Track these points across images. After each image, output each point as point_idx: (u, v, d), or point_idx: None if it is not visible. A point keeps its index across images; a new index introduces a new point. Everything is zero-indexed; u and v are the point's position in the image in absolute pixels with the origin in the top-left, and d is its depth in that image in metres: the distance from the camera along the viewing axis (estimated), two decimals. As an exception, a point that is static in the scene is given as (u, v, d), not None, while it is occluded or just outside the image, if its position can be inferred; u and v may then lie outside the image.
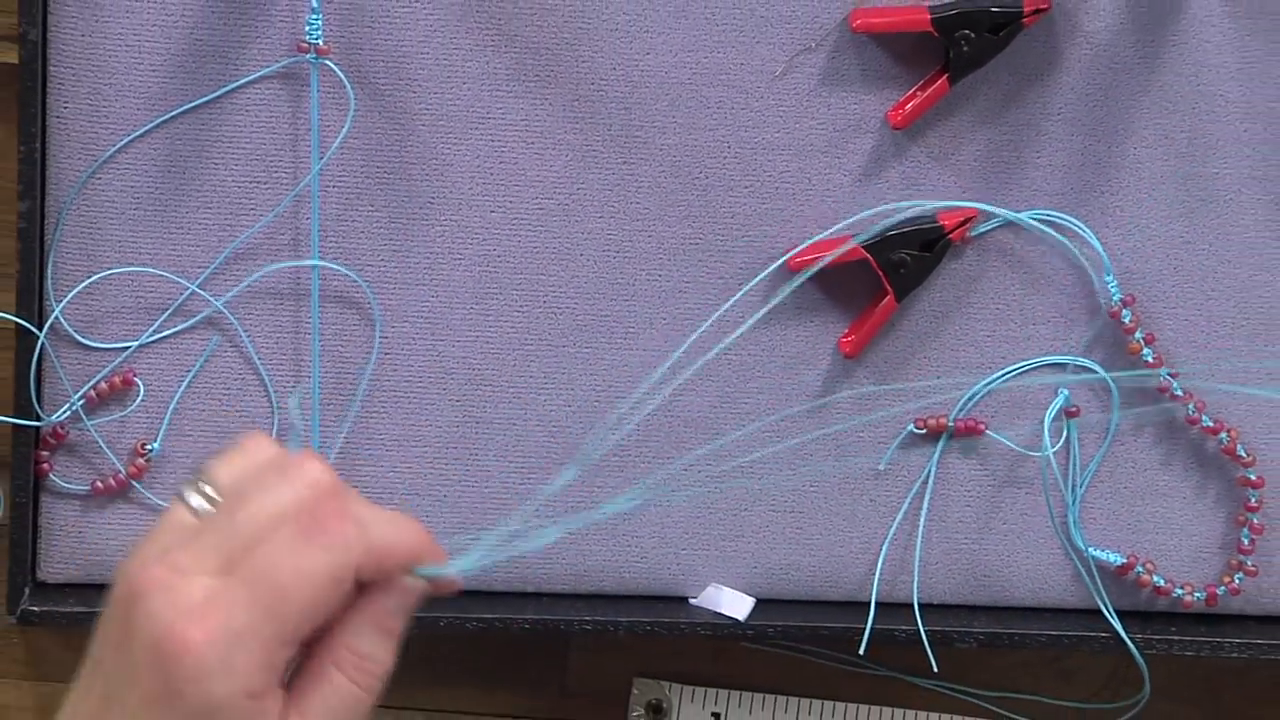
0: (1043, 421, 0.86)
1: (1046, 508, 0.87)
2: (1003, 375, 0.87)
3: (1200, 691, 0.91)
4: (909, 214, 0.85)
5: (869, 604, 0.86)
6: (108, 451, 0.86)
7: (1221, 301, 0.87)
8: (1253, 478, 0.86)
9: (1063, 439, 0.86)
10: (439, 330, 0.86)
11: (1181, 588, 0.86)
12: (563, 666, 0.91)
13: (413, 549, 0.66)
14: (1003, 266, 0.86)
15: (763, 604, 0.87)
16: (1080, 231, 0.85)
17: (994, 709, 0.91)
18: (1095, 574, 0.87)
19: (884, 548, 0.87)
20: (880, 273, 0.83)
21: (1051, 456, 0.86)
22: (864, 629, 0.85)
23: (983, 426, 0.85)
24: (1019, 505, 0.87)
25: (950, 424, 0.86)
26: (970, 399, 0.86)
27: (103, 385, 0.85)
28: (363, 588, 0.65)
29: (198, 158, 0.85)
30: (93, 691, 0.64)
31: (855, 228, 0.85)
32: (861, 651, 0.86)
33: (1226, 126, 0.86)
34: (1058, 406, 0.86)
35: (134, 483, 0.86)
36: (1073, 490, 0.87)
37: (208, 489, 0.64)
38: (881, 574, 0.87)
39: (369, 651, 0.65)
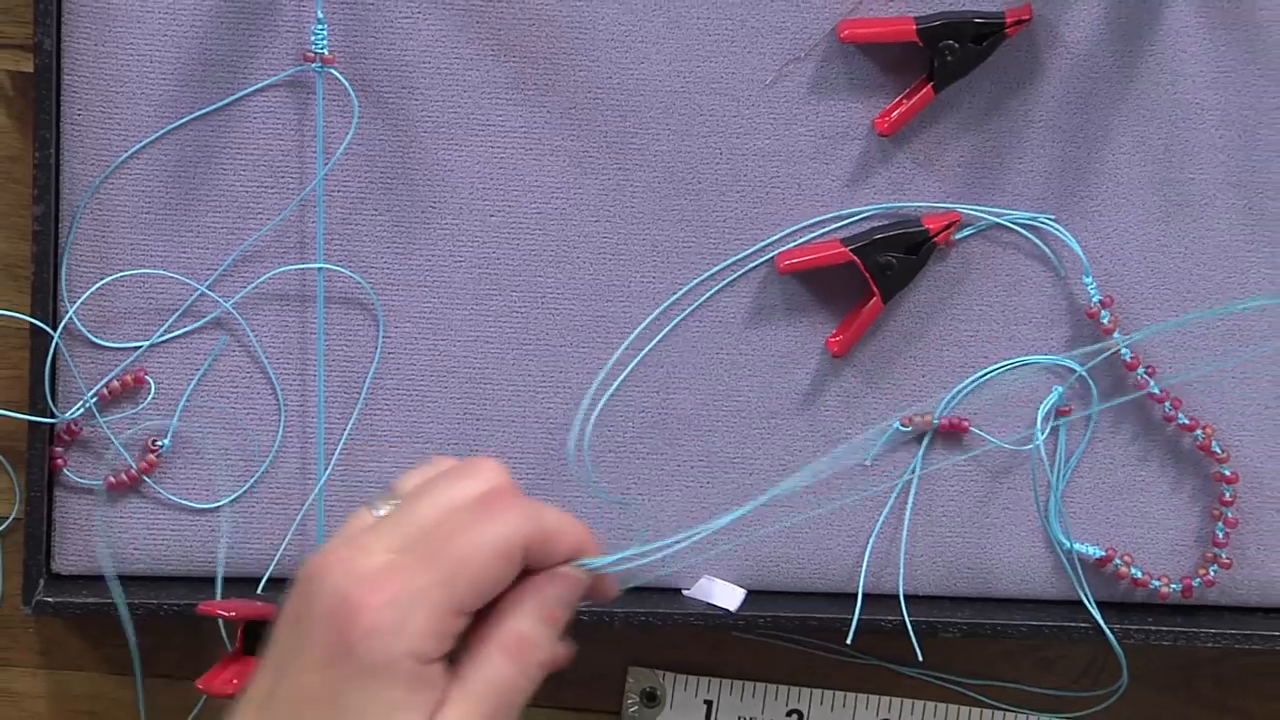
0: (1030, 418, 0.87)
1: (1034, 501, 0.87)
2: (985, 374, 0.87)
3: (1176, 680, 0.91)
4: (895, 218, 0.86)
5: (856, 595, 0.86)
6: (120, 447, 0.86)
7: (1197, 302, 0.87)
8: (1227, 473, 0.87)
9: (1045, 435, 0.86)
10: (440, 330, 0.86)
11: (1158, 579, 0.87)
12: None
13: (578, 538, 0.69)
14: (985, 269, 0.87)
15: (753, 595, 0.87)
16: (1060, 235, 0.86)
17: (977, 696, 0.91)
18: (1075, 566, 0.87)
19: (871, 541, 0.87)
20: (867, 275, 0.84)
21: (1042, 449, 0.86)
22: (851, 619, 0.86)
23: (967, 424, 0.86)
24: (1001, 500, 0.87)
25: (935, 421, 0.86)
26: (954, 398, 0.87)
27: (115, 383, 0.86)
28: (527, 576, 0.67)
29: (206, 163, 0.85)
30: (265, 670, 0.66)
31: (843, 230, 0.86)
32: (849, 641, 0.86)
33: (1202, 133, 0.86)
34: (1051, 403, 0.87)
35: (145, 477, 0.86)
36: (1056, 485, 0.87)
37: (393, 500, 0.67)
38: (868, 566, 0.87)
39: (531, 635, 0.67)
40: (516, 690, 0.67)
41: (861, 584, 0.86)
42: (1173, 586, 0.87)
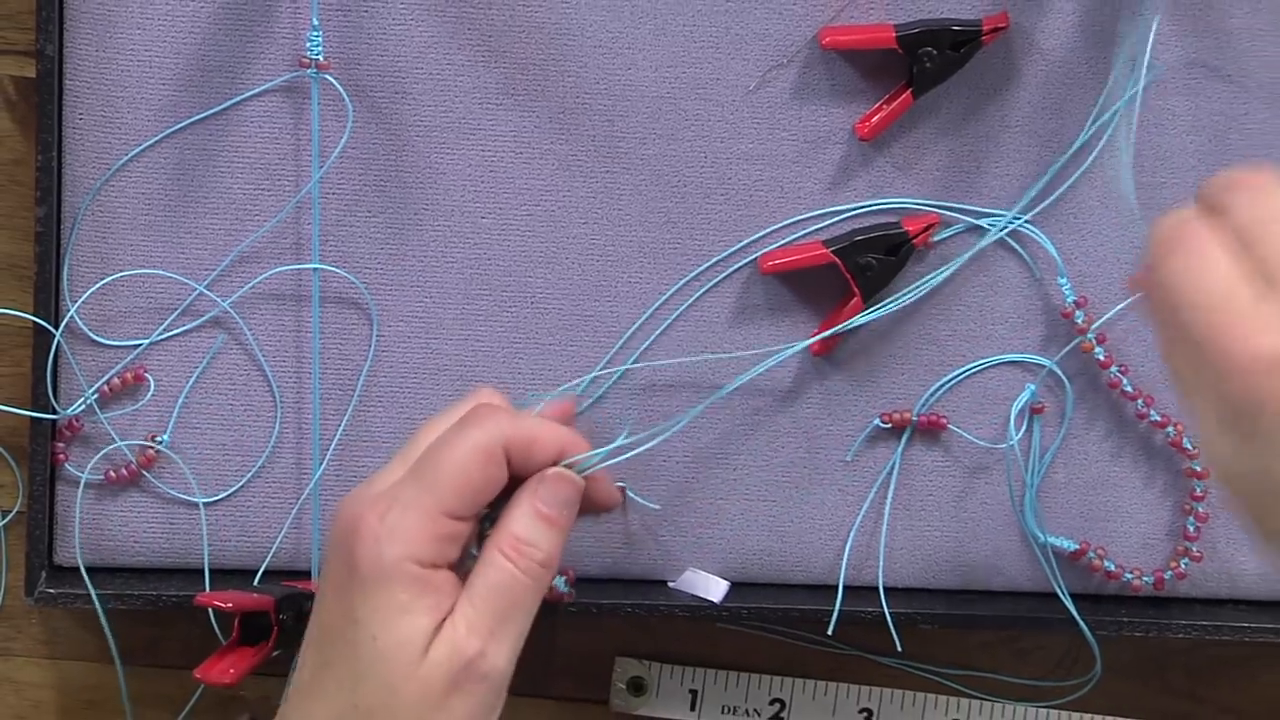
0: (1006, 415, 0.87)
1: (1009, 497, 0.87)
2: (962, 373, 0.87)
3: (1149, 669, 0.91)
4: (875, 220, 0.86)
5: (837, 587, 0.87)
6: (120, 443, 0.86)
7: None
8: (1198, 469, 0.87)
9: (1021, 432, 0.87)
10: (432, 329, 0.87)
11: (1131, 572, 0.87)
12: (549, 645, 0.91)
13: (561, 440, 0.72)
14: (963, 270, 0.87)
15: (737, 587, 0.88)
16: (1035, 237, 0.86)
17: (955, 686, 0.91)
18: (1050, 559, 0.87)
19: (851, 534, 0.88)
20: (848, 276, 0.84)
21: (1016, 447, 0.87)
22: (832, 610, 0.86)
23: (945, 421, 0.87)
24: (978, 495, 0.88)
25: (914, 419, 0.87)
26: (933, 395, 0.87)
27: (115, 381, 0.86)
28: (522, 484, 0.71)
29: (205, 166, 0.86)
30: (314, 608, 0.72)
31: (824, 232, 0.86)
32: (830, 632, 0.86)
33: (1174, 139, 0.87)
34: (1024, 401, 0.87)
35: (144, 472, 0.86)
36: (1031, 480, 0.88)
37: None
38: (849, 559, 0.88)
39: (526, 535, 0.71)
40: (519, 590, 0.70)
41: (842, 577, 0.87)
42: (1145, 579, 0.87)
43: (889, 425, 0.87)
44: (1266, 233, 0.62)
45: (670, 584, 0.88)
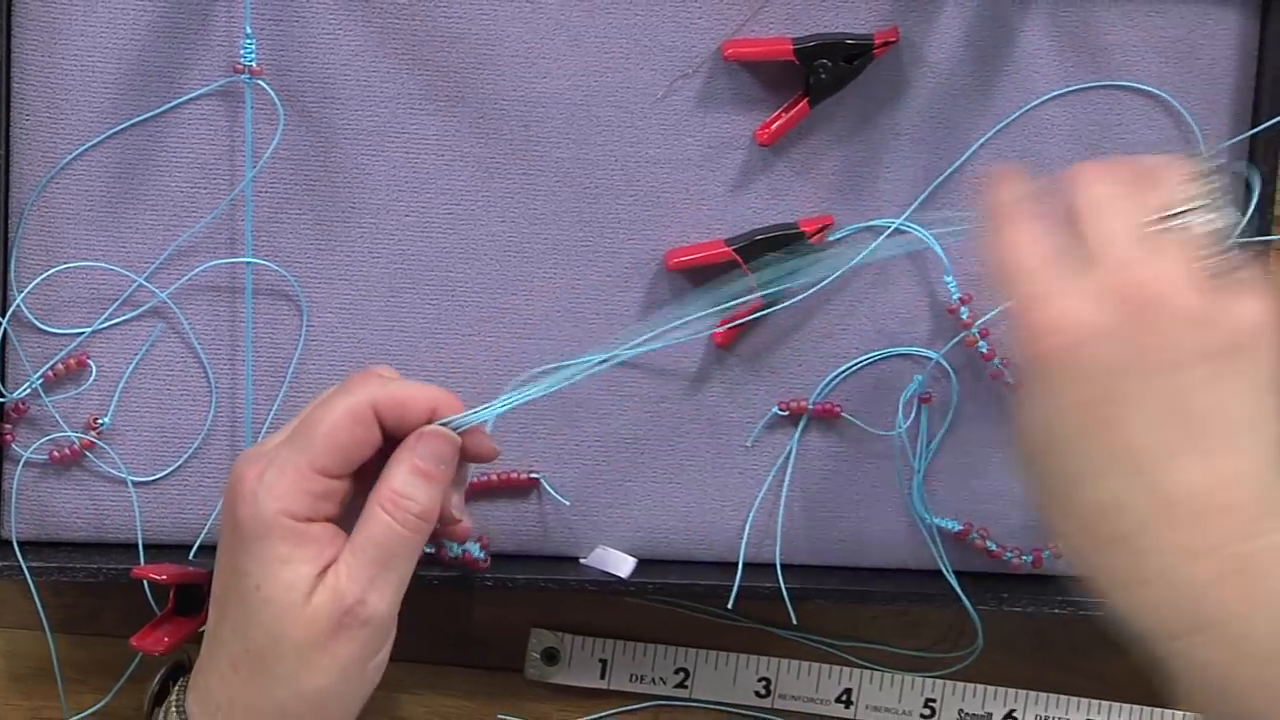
0: (895, 404, 0.88)
1: (898, 481, 0.89)
2: (856, 364, 0.89)
3: (1030, 643, 0.93)
4: (774, 220, 0.88)
5: (737, 564, 0.88)
6: (64, 425, 0.88)
7: None
8: None
9: (910, 420, 0.89)
10: (359, 320, 0.88)
11: (1012, 552, 0.89)
12: (467, 618, 0.93)
13: (428, 399, 0.74)
14: (857, 268, 0.87)
15: (644, 563, 0.89)
16: (924, 237, 0.87)
17: (847, 657, 0.93)
18: (937, 539, 0.89)
19: (750, 514, 0.89)
20: (748, 273, 0.85)
21: (904, 434, 0.89)
22: (733, 586, 0.87)
23: (839, 410, 0.88)
24: (870, 479, 0.89)
25: (810, 406, 0.88)
26: (828, 385, 0.89)
27: (60, 366, 0.87)
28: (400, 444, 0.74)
29: (145, 165, 0.87)
30: None
31: (728, 231, 0.88)
32: (730, 606, 0.88)
33: (1053, 146, 0.88)
34: (912, 391, 0.89)
35: (87, 452, 0.88)
36: (918, 465, 0.89)
37: None
38: (748, 538, 0.89)
39: (404, 490, 0.73)
40: (397, 540, 0.73)
41: (742, 554, 0.88)
42: (1025, 558, 0.89)
43: (787, 413, 0.89)
44: (1089, 216, 0.66)
45: (582, 560, 0.90)
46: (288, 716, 0.73)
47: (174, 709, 0.76)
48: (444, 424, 0.75)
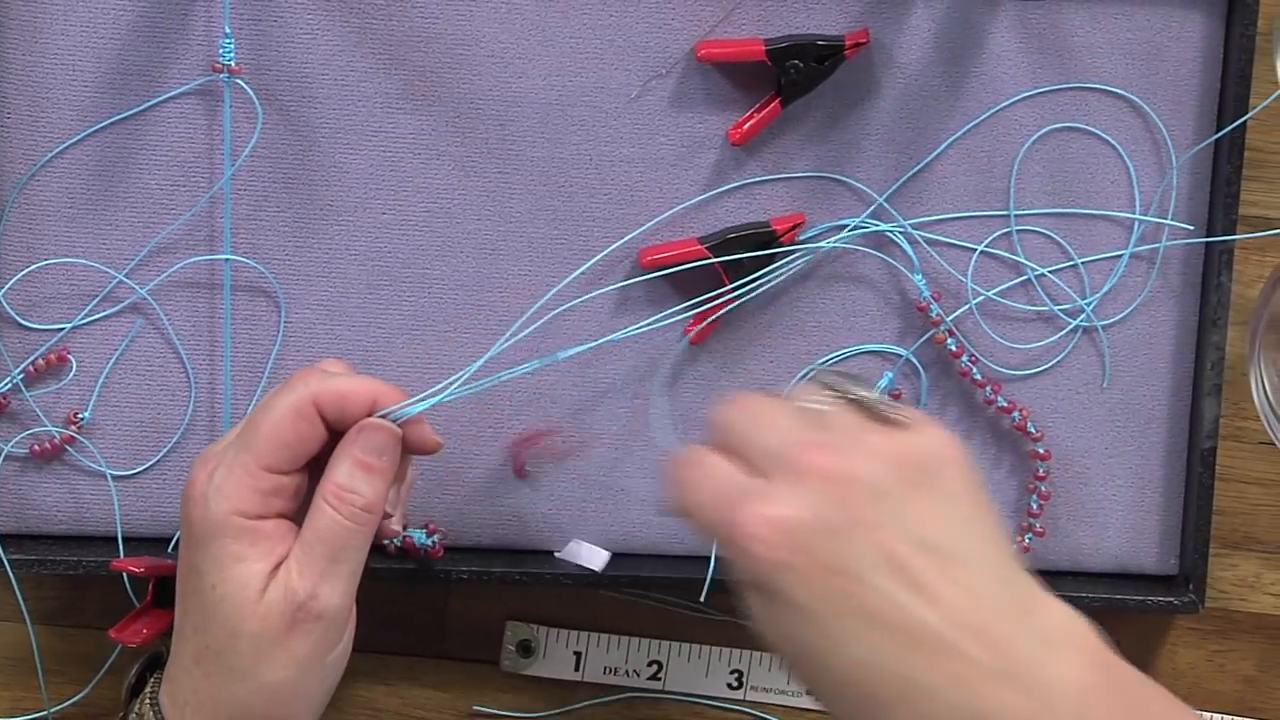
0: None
1: None
2: (826, 360, 0.89)
3: None
4: (746, 219, 0.88)
5: (709, 558, 0.88)
6: (44, 419, 0.88)
7: (1014, 296, 0.89)
8: (1041, 451, 0.90)
9: None
10: (336, 316, 0.89)
11: None
12: (443, 610, 0.93)
13: (369, 392, 0.75)
14: (828, 265, 0.89)
15: (617, 557, 0.90)
16: (894, 236, 0.88)
17: None
18: None
19: None
20: (720, 269, 0.86)
21: None
22: (704, 579, 0.87)
23: None
24: None
25: None
26: (799, 382, 0.89)
27: (40, 361, 0.87)
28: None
29: (125, 163, 0.87)
30: None
31: (700, 229, 0.88)
32: (702, 599, 0.88)
33: (1019, 146, 0.89)
34: (882, 387, 0.89)
35: (67, 446, 0.88)
36: None
37: None
38: None
39: (347, 483, 0.74)
40: (344, 533, 0.73)
41: (714, 548, 0.86)
42: None
43: (758, 409, 0.90)
44: (745, 439, 0.68)
45: (556, 554, 0.90)
46: (250, 710, 0.74)
47: (148, 701, 0.77)
48: (383, 415, 0.76)
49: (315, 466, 0.76)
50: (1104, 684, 0.65)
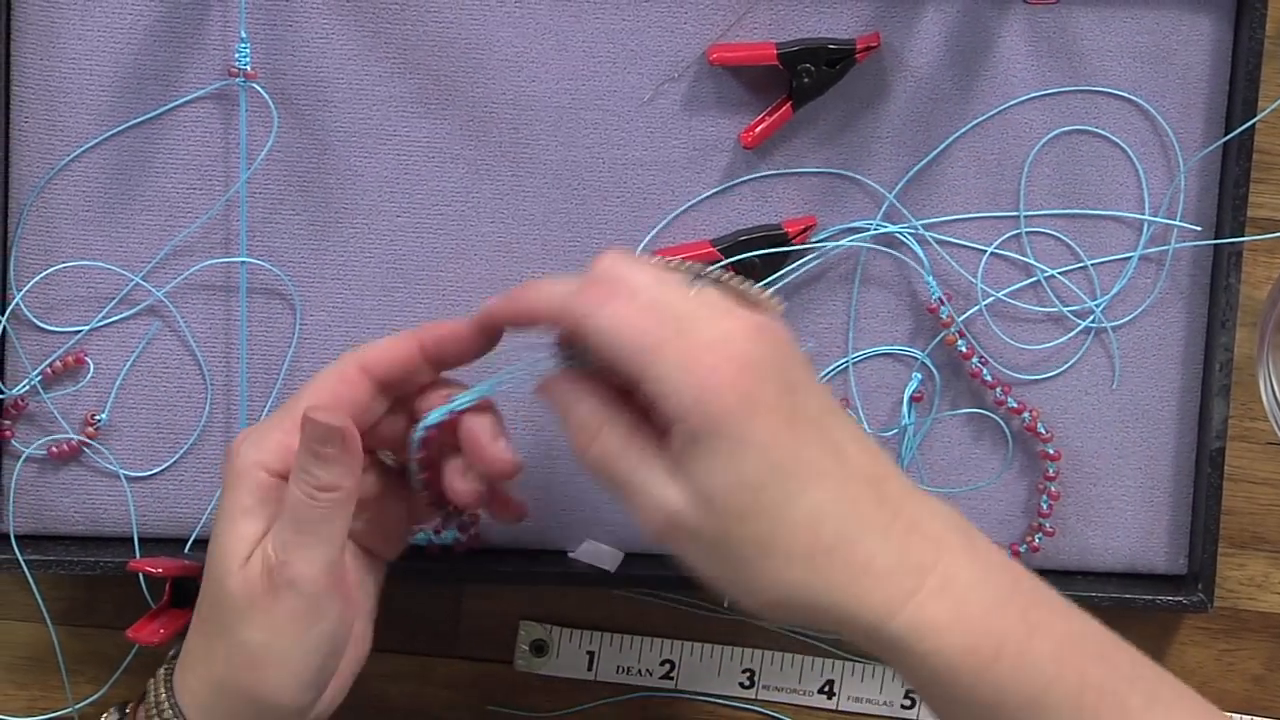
0: (878, 403, 0.89)
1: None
2: (840, 365, 0.90)
3: None
4: (758, 221, 0.88)
5: None
6: (62, 421, 0.88)
7: (1024, 297, 0.90)
8: (1051, 451, 0.90)
9: (912, 418, 0.89)
10: (351, 319, 0.89)
11: None
12: (457, 610, 0.93)
13: (409, 345, 0.77)
14: (839, 267, 0.89)
15: (629, 557, 0.90)
16: (904, 239, 0.89)
17: (827, 647, 0.93)
18: None
19: None
20: (734, 272, 0.83)
21: (911, 428, 0.89)
22: None
23: None
24: None
25: None
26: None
27: (58, 364, 0.88)
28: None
29: (141, 167, 0.88)
30: None
31: (712, 232, 0.88)
32: (726, 603, 0.88)
33: (1028, 149, 0.89)
34: (912, 388, 0.89)
35: (85, 448, 0.89)
36: (902, 460, 0.90)
37: None
38: None
39: (302, 464, 0.74)
40: (305, 509, 0.74)
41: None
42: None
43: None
44: (652, 293, 0.71)
45: (569, 554, 0.90)
46: (231, 669, 0.75)
47: (162, 671, 0.79)
48: (451, 404, 0.77)
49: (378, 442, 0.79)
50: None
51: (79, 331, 0.89)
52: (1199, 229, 0.90)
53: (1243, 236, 0.89)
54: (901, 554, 0.70)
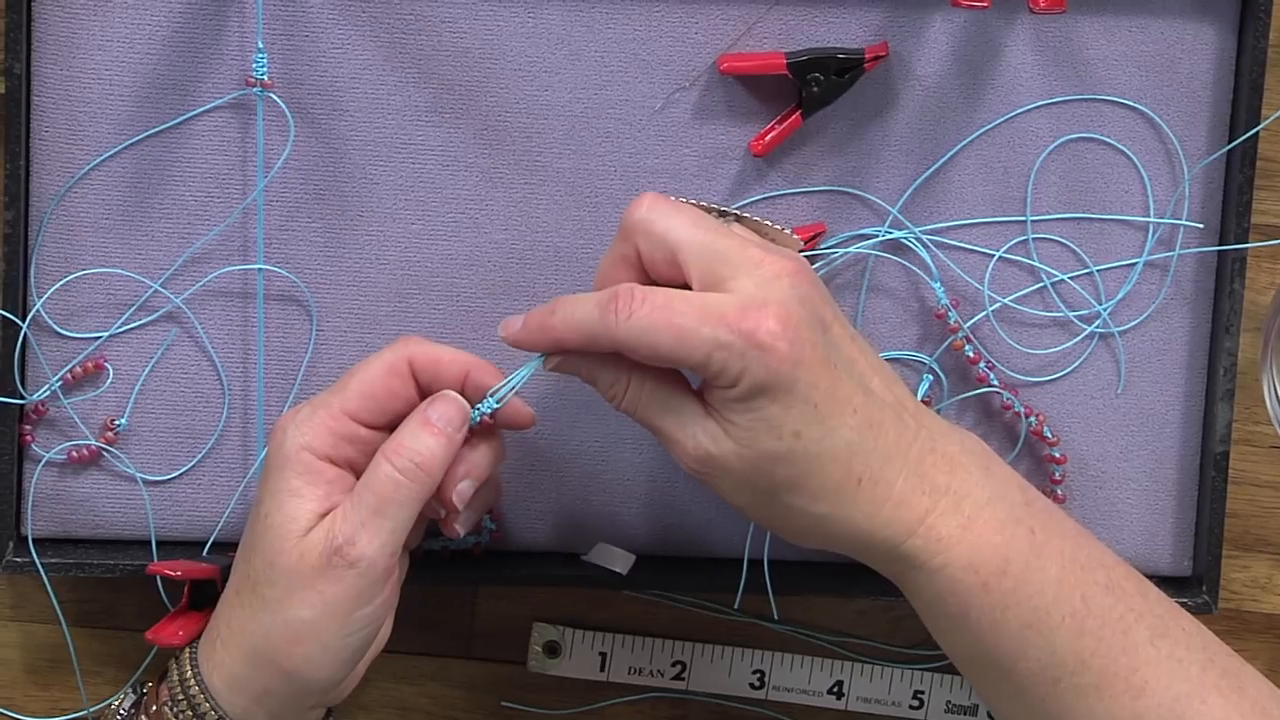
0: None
1: None
2: None
3: None
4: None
5: (731, 560, 0.89)
6: (82, 426, 0.89)
7: (1031, 302, 0.90)
8: (1057, 455, 0.90)
9: None
10: (367, 324, 0.89)
11: None
12: (472, 611, 0.94)
13: (463, 362, 0.79)
14: (848, 274, 0.90)
15: (641, 560, 0.90)
16: (912, 245, 0.89)
17: (836, 649, 0.94)
18: None
19: None
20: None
21: None
22: (725, 581, 0.88)
23: None
24: None
25: None
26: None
27: (78, 369, 0.88)
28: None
29: (160, 175, 0.88)
30: None
31: None
32: (736, 606, 0.89)
33: (1035, 156, 0.89)
34: (923, 392, 0.90)
35: (104, 452, 0.89)
36: None
37: None
38: (752, 535, 0.88)
39: (406, 440, 0.76)
40: (392, 487, 0.75)
41: (746, 552, 0.88)
42: None
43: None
44: (690, 245, 0.76)
45: (582, 557, 0.90)
46: (270, 643, 0.76)
47: (186, 649, 0.81)
48: (492, 393, 0.79)
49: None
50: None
51: (99, 338, 0.89)
52: (1202, 225, 0.90)
53: (1247, 243, 0.89)
54: (919, 476, 0.74)
